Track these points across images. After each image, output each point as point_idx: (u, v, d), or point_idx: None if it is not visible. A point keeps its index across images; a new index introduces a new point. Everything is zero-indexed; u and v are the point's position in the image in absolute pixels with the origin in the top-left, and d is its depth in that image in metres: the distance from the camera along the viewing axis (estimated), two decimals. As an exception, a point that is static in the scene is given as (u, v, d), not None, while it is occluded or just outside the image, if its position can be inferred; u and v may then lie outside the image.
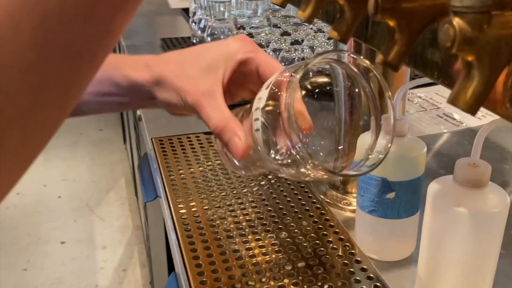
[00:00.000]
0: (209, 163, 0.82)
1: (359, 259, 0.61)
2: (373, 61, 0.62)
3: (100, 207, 2.18)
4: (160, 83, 0.47)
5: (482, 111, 0.82)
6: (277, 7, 1.24)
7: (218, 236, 0.65)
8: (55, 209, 2.18)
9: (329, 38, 1.02)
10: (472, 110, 0.29)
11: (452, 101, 0.29)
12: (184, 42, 1.40)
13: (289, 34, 1.08)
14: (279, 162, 0.39)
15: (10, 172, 0.23)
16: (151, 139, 0.89)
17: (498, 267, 0.51)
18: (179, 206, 0.71)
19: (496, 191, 0.49)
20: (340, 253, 0.62)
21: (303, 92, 0.43)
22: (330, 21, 0.57)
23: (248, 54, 0.47)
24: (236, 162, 0.46)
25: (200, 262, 0.60)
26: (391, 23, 0.35)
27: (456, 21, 0.27)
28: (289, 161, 0.38)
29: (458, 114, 0.94)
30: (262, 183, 0.76)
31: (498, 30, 0.27)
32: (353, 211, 0.70)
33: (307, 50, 1.01)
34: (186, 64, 0.48)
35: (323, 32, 1.09)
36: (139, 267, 1.85)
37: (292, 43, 1.03)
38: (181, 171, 0.79)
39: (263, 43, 1.07)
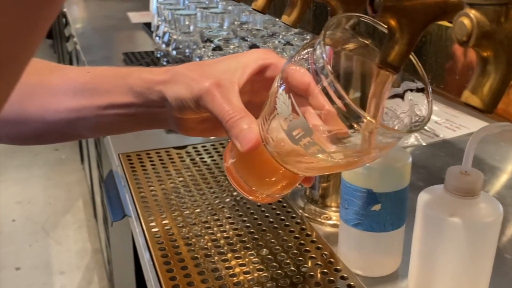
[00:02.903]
0: (181, 178, 0.78)
1: (345, 275, 0.58)
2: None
3: (57, 231, 2.08)
4: (173, 79, 0.44)
5: (455, 122, 0.81)
6: (244, 19, 1.23)
7: (195, 255, 0.61)
8: (9, 233, 2.06)
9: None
10: (489, 107, 0.27)
11: (467, 98, 0.27)
12: (148, 56, 1.36)
13: (257, 47, 1.06)
14: (310, 145, 0.34)
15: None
16: (118, 155, 0.84)
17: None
18: (151, 224, 0.67)
19: (489, 200, 0.47)
20: (324, 270, 0.59)
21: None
22: (316, 27, 0.55)
23: (269, 60, 0.44)
24: (251, 185, 0.42)
25: (178, 283, 0.56)
26: (392, 22, 0.33)
27: (473, 13, 0.25)
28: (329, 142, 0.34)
29: (432, 126, 0.94)
30: (238, 198, 0.72)
31: (516, 24, 0.25)
32: (334, 225, 0.68)
33: (292, 53, 0.99)
34: (205, 65, 0.45)
35: (292, 45, 1.08)
36: (100, 292, 1.77)
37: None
38: (152, 188, 0.75)
39: (232, 56, 1.05)
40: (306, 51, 0.35)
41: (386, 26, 0.38)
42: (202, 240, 0.64)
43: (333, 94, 0.32)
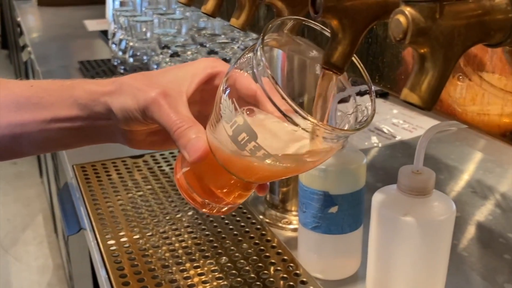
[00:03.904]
0: (138, 189, 0.76)
1: (304, 279, 0.58)
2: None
3: (16, 247, 2.01)
4: (118, 90, 0.42)
5: (412, 123, 0.82)
6: (202, 25, 1.22)
7: (153, 267, 0.59)
8: (-36, 252, 1.97)
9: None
10: (428, 104, 0.27)
11: (406, 96, 0.27)
12: (104, 65, 1.33)
13: (216, 53, 1.05)
14: (255, 150, 0.34)
15: None
16: (72, 166, 0.81)
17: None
18: (106, 237, 0.65)
19: (441, 198, 0.48)
20: (284, 275, 0.58)
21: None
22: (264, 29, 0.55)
23: (217, 68, 0.43)
24: (203, 197, 0.40)
25: (134, 297, 0.55)
26: (334, 22, 0.33)
27: (408, 10, 0.25)
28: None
29: (389, 128, 0.96)
30: (197, 206, 0.71)
31: (451, 20, 0.25)
32: (294, 230, 0.67)
33: (235, 59, 0.99)
34: (152, 75, 0.43)
35: (250, 50, 1.07)
36: (63, 309, 1.71)
37: (220, 61, 1.00)
38: (108, 199, 0.73)
39: (189, 62, 1.03)
40: (249, 55, 0.35)
41: (322, 27, 0.38)
42: (160, 251, 0.62)
43: (277, 99, 0.31)
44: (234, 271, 0.59)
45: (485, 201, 0.75)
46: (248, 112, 0.36)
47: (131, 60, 1.21)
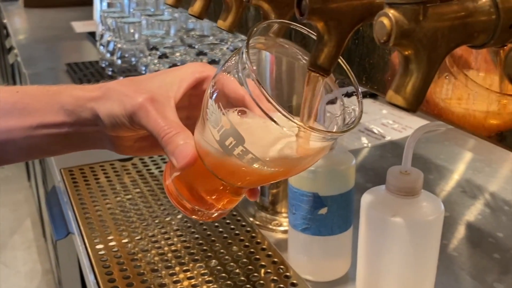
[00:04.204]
0: (127, 192, 0.75)
1: (294, 281, 0.58)
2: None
3: (4, 252, 1.99)
4: (105, 95, 0.42)
5: (402, 123, 0.83)
6: (191, 26, 1.21)
7: (142, 271, 0.59)
8: (-48, 257, 1.95)
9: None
10: (413, 106, 0.27)
11: (391, 98, 0.27)
12: (92, 67, 1.32)
13: (205, 54, 1.05)
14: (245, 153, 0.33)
15: None
16: (60, 170, 0.81)
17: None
18: (95, 241, 0.64)
19: (430, 198, 0.48)
20: (274, 277, 0.58)
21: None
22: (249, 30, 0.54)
23: (205, 73, 0.42)
24: (193, 203, 0.40)
25: (123, 302, 0.54)
26: (320, 24, 0.33)
27: (392, 13, 0.25)
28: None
29: (379, 128, 0.96)
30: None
31: (434, 22, 0.25)
32: (284, 231, 0.67)
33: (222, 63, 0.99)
34: (139, 80, 0.43)
35: (239, 51, 1.07)
36: (53, 314, 1.70)
37: (209, 63, 1.00)
38: (96, 203, 0.72)
39: (178, 64, 1.03)
40: (235, 58, 0.34)
41: (309, 30, 0.37)
42: (149, 254, 0.62)
43: (263, 102, 0.31)
44: (224, 274, 0.58)
45: (475, 200, 0.75)
46: (240, 114, 0.35)
47: (119, 62, 1.20)
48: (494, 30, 0.25)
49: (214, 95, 0.35)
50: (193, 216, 0.41)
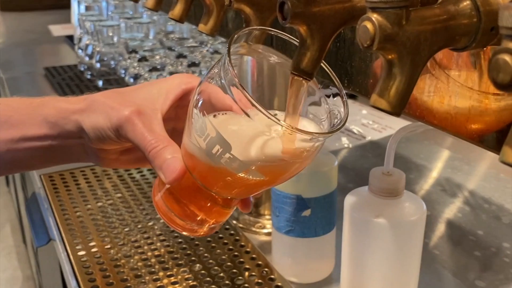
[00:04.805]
0: (108, 197, 0.74)
1: (279, 284, 0.58)
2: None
3: (-17, 259, 1.94)
4: (90, 108, 0.41)
5: (382, 123, 0.83)
6: (170, 29, 1.20)
7: (125, 277, 0.58)
8: None
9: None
10: (396, 109, 0.27)
11: (375, 102, 0.27)
12: (71, 70, 1.30)
13: (185, 57, 1.04)
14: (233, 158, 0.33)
15: None
16: (40, 176, 0.79)
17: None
18: (77, 248, 0.63)
19: (412, 198, 0.48)
20: (259, 280, 0.58)
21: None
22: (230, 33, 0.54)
23: (192, 84, 0.42)
24: (183, 218, 0.39)
25: (106, 309, 0.53)
26: (302, 28, 0.33)
27: (375, 17, 0.25)
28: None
29: (359, 128, 0.97)
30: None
31: (417, 26, 0.26)
32: (268, 234, 0.67)
33: (205, 72, 0.98)
34: (125, 92, 0.42)
35: (220, 53, 1.07)
36: (33, 322, 1.66)
37: (189, 66, 0.99)
38: (77, 209, 0.71)
39: (158, 67, 1.02)
40: (217, 66, 0.34)
41: (290, 36, 0.37)
42: (132, 260, 0.61)
43: (247, 106, 0.31)
44: (208, 278, 0.58)
45: (454, 199, 0.76)
46: (224, 118, 0.35)
47: (98, 65, 1.19)
48: (476, 33, 0.25)
49: (199, 104, 0.35)
50: (184, 232, 0.41)
